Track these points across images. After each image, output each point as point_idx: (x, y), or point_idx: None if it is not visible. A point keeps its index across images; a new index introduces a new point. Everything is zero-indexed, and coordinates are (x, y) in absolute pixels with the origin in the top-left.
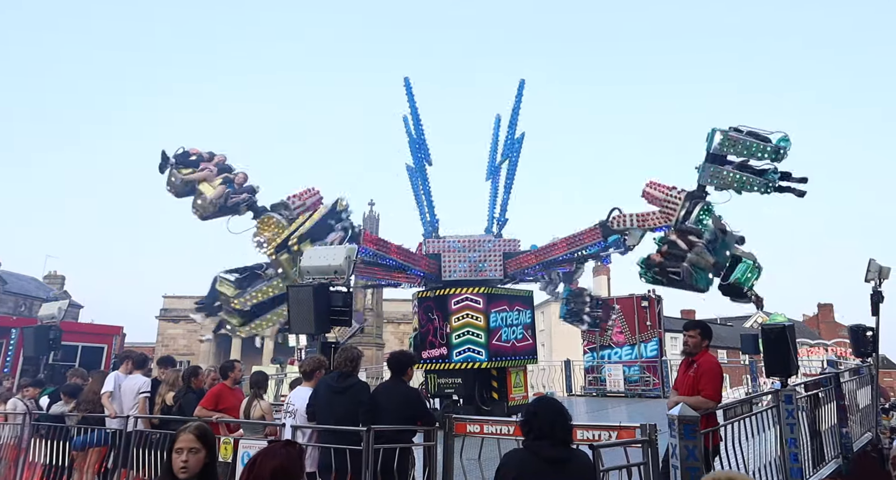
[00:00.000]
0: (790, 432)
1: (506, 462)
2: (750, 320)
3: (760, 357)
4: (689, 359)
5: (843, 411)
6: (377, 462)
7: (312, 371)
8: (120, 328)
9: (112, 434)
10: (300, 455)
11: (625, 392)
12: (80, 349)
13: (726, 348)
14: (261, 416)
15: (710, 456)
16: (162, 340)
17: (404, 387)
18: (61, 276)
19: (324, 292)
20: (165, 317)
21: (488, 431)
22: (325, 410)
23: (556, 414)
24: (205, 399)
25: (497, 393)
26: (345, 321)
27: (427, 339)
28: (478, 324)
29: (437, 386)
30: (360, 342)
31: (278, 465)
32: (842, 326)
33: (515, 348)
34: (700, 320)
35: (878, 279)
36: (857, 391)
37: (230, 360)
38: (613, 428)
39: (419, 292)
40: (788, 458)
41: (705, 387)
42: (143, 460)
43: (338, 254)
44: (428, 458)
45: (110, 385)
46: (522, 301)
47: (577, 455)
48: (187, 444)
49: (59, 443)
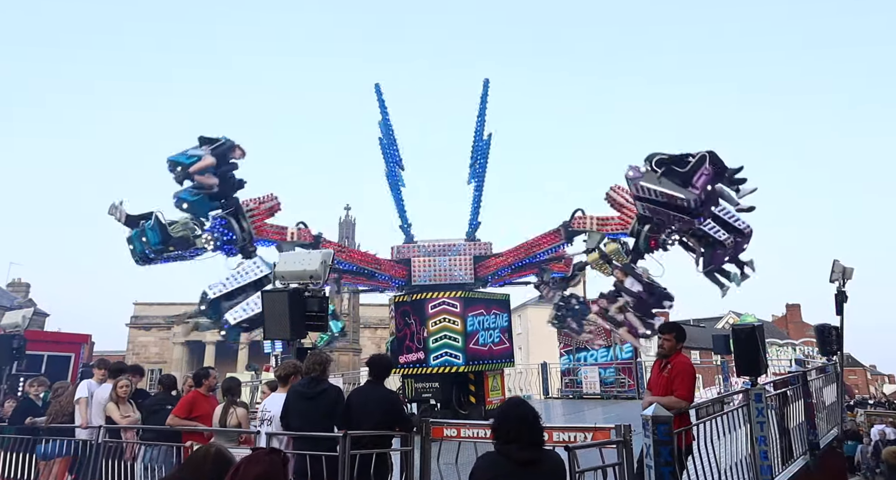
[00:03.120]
0: (760, 430)
1: (478, 465)
2: (722, 321)
3: (732, 357)
4: (662, 360)
5: (810, 408)
6: (353, 468)
7: (287, 376)
8: (88, 336)
9: (79, 444)
10: (285, 463)
11: (601, 394)
12: (46, 358)
13: (699, 348)
14: (237, 424)
15: (684, 455)
16: (133, 348)
17: (383, 390)
18: (26, 283)
19: (299, 297)
20: (136, 324)
21: (465, 435)
22: (297, 417)
23: (524, 416)
24: (178, 407)
25: (474, 397)
26: (321, 327)
27: (404, 343)
28: (455, 328)
29: (415, 391)
30: (336, 348)
31: (262, 472)
32: (809, 325)
33: (492, 351)
34: (675, 323)
35: (841, 279)
36: (824, 389)
37: (204, 367)
38: (589, 430)
39: (396, 296)
40: (758, 455)
41: (678, 387)
42: (110, 472)
43: (313, 258)
44: (405, 463)
45: (84, 392)
46: (499, 305)
47: (549, 456)
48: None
49: (23, 455)
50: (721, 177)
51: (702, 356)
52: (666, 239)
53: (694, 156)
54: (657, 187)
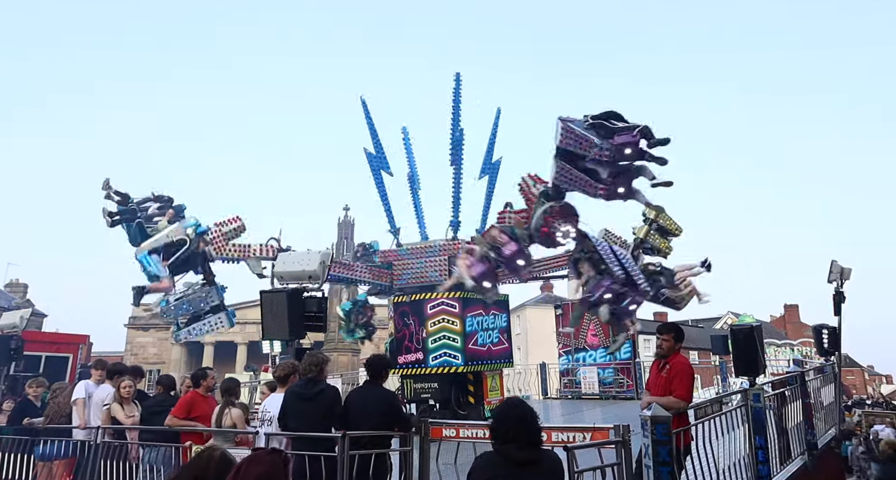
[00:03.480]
0: (758, 430)
1: (476, 465)
2: (720, 321)
3: (730, 358)
4: (661, 360)
5: (808, 409)
6: (352, 469)
7: (287, 376)
8: (86, 336)
9: (78, 445)
10: (286, 463)
11: (599, 394)
12: (44, 358)
13: (697, 349)
14: (232, 424)
15: (682, 455)
16: (131, 348)
17: (381, 391)
18: (24, 284)
19: (298, 297)
20: (134, 325)
21: (464, 435)
22: (294, 417)
23: (521, 416)
24: (176, 408)
25: (473, 397)
26: (319, 327)
27: (403, 344)
28: (454, 329)
29: (414, 391)
30: (335, 348)
31: (263, 472)
32: (807, 326)
33: (491, 352)
34: (673, 323)
35: (839, 280)
36: (822, 390)
37: (203, 368)
38: (588, 430)
39: (395, 296)
40: (757, 455)
41: (677, 388)
42: (111, 473)
43: (312, 259)
44: (404, 463)
45: (81, 393)
46: (498, 305)
47: (547, 456)
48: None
49: (21, 456)
50: (644, 154)
51: (700, 357)
52: (557, 228)
53: (629, 122)
54: (579, 130)
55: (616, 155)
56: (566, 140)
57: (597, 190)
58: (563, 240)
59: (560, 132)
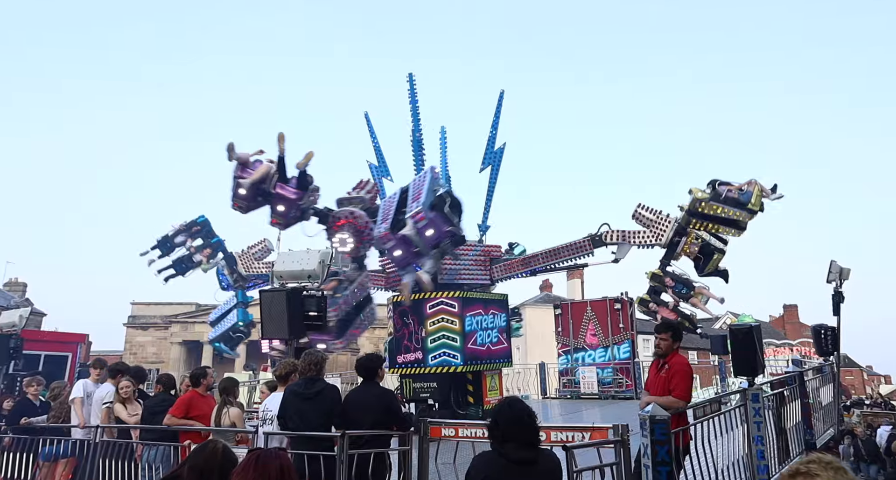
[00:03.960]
0: (757, 429)
1: (475, 464)
2: (719, 321)
3: (729, 358)
4: (660, 360)
5: (807, 408)
6: (351, 468)
7: (287, 375)
8: (85, 335)
9: (77, 444)
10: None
11: (598, 394)
12: (43, 357)
13: (696, 349)
14: (231, 423)
15: (681, 455)
16: (130, 348)
17: (379, 390)
18: (23, 283)
19: (297, 296)
20: (134, 324)
21: (463, 434)
22: (294, 417)
23: (519, 416)
24: (175, 407)
25: (472, 397)
26: (319, 327)
27: (402, 343)
28: (453, 328)
29: (413, 391)
30: (335, 348)
31: (281, 466)
32: (806, 326)
33: (490, 351)
34: (671, 322)
35: (838, 280)
36: (820, 389)
37: (202, 367)
38: (587, 429)
39: (394, 296)
40: (755, 455)
41: (676, 387)
42: (110, 471)
43: (311, 258)
44: (403, 463)
45: (79, 392)
46: (497, 305)
47: (545, 456)
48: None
49: (24, 455)
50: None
51: (699, 357)
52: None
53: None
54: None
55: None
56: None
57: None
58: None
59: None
